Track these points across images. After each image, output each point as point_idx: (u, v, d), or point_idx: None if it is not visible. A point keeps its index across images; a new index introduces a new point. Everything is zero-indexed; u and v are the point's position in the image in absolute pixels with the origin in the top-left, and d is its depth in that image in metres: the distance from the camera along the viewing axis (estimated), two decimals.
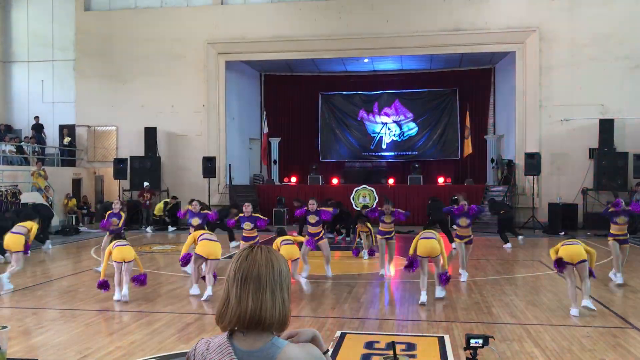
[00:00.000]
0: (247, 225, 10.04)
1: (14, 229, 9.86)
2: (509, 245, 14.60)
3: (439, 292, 8.63)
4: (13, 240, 9.66)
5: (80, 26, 22.66)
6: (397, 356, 3.58)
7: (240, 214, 10.29)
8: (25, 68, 23.32)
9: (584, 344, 6.42)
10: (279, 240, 9.37)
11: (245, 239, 10.12)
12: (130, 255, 8.67)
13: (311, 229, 10.24)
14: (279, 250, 8.68)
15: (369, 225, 12.62)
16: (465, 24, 20.27)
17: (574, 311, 7.63)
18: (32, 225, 10.06)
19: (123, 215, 11.08)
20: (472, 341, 3.64)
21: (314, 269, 10.66)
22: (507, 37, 20.18)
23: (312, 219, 10.16)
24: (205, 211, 10.98)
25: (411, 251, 8.63)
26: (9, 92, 23.42)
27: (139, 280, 8.69)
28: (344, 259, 13.14)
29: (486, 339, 3.65)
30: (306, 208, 10.32)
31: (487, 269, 11.60)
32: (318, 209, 10.23)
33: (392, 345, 3.72)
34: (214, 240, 8.98)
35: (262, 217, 10.32)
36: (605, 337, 6.72)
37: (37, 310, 8.28)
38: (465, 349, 3.72)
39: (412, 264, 8.56)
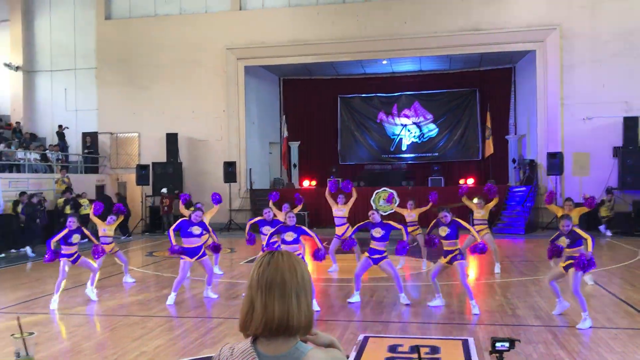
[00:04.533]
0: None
1: None
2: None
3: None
4: None
5: (101, 35, 22.98)
6: (422, 359, 3.55)
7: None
8: (49, 77, 23.70)
9: (612, 345, 6.31)
10: None
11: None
12: None
13: (376, 245, 8.59)
14: None
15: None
16: (484, 24, 20.11)
17: None
18: None
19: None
20: (498, 344, 3.59)
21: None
22: (527, 35, 19.96)
23: (377, 232, 8.55)
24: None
25: None
26: (33, 101, 23.82)
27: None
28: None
29: (512, 342, 3.60)
30: (368, 220, 8.68)
31: (510, 270, 11.47)
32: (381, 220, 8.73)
33: (416, 349, 3.69)
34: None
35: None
36: (634, 338, 6.60)
37: (63, 316, 8.39)
38: (491, 353, 3.67)
39: None
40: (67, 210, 16.89)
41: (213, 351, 6.26)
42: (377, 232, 8.51)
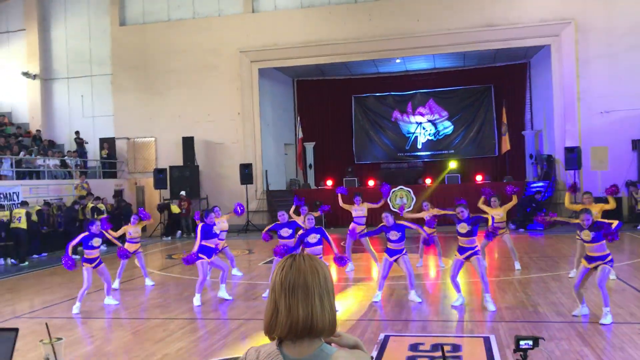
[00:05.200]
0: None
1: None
2: None
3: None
4: None
5: (115, 41, 23.21)
6: (446, 358, 3.55)
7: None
8: (66, 84, 23.98)
9: (637, 341, 6.24)
10: None
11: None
12: None
13: (393, 246, 8.65)
14: None
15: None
16: (498, 19, 19.98)
17: None
18: None
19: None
20: (522, 343, 3.58)
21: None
22: (542, 30, 19.80)
23: (393, 235, 8.58)
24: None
25: None
26: (51, 108, 24.11)
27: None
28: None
29: (536, 340, 3.58)
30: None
31: (530, 266, 11.39)
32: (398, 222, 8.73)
33: (440, 348, 3.69)
34: None
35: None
36: None
37: (87, 319, 8.49)
38: (515, 351, 3.66)
39: None
40: (95, 215, 17.14)
41: (235, 353, 6.31)
42: (394, 235, 8.57)
